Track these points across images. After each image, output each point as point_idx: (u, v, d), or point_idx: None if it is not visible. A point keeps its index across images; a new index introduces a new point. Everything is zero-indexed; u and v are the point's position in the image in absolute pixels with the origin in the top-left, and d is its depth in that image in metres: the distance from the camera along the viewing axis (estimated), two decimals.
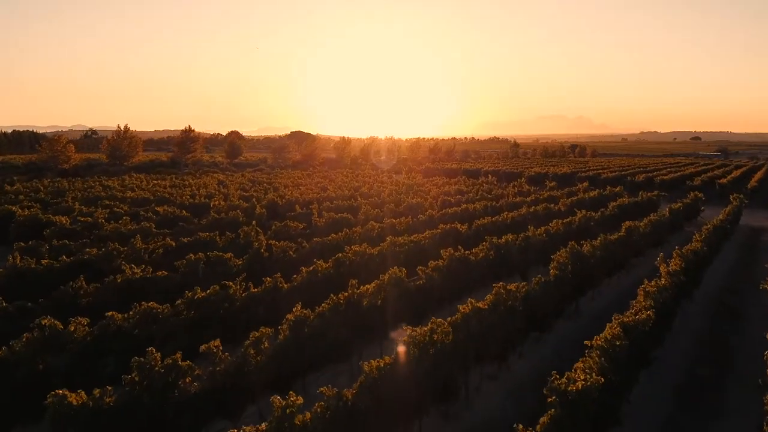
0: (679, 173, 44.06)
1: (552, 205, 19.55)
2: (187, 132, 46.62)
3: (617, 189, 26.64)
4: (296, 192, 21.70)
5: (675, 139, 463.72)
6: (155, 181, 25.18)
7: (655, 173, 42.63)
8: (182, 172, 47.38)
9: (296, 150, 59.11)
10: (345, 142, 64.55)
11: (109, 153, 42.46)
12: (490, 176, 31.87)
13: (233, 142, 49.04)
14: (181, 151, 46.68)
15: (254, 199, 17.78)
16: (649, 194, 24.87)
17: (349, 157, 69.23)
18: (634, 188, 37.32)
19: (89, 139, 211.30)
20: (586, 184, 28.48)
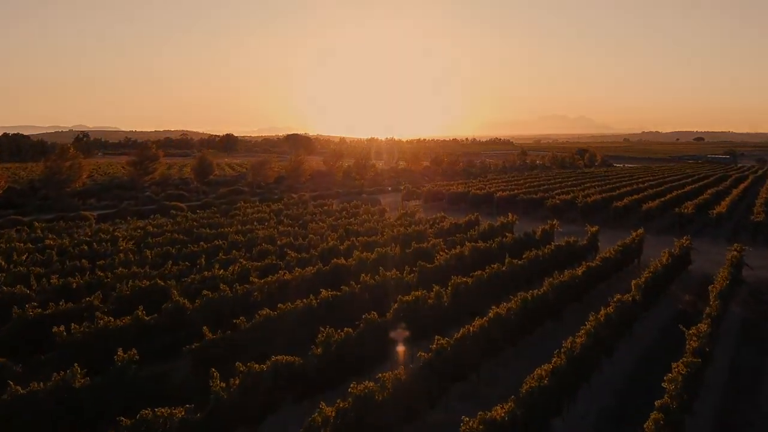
0: (728, 198, 36.94)
1: (627, 298, 12.44)
2: (145, 149, 39.39)
3: (685, 242, 19.53)
4: (238, 262, 14.66)
5: (678, 139, 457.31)
6: (46, 241, 17.99)
7: (700, 199, 35.45)
8: (142, 195, 40.34)
9: (279, 165, 52.11)
10: (336, 155, 57.44)
11: (47, 177, 35.32)
12: (510, 215, 24.80)
13: (203, 159, 41.88)
14: (138, 172, 39.51)
15: (141, 310, 10.61)
16: (735, 253, 17.81)
17: (341, 171, 62.26)
18: (685, 222, 30.31)
19: (81, 142, 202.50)
20: (641, 232, 21.34)
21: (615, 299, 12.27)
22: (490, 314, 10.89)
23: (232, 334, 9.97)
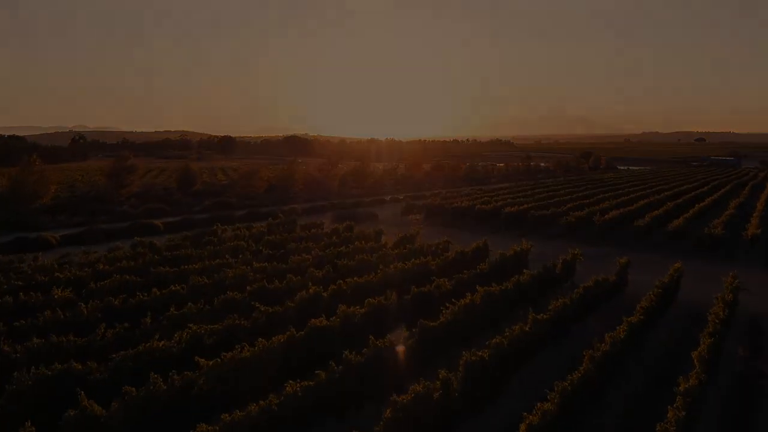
0: (755, 214, 33.77)
1: (693, 383, 9.34)
2: (121, 160, 36.31)
3: (734, 282, 16.41)
4: (188, 328, 11.56)
5: (679, 140, 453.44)
6: None
7: (726, 216, 32.29)
8: (118, 209, 37.24)
9: (272, 171, 49.04)
10: (332, 161, 54.34)
11: (11, 191, 32.22)
12: (523, 242, 21.75)
13: (186, 169, 38.81)
14: (113, 183, 36.42)
15: (29, 426, 7.50)
16: None
17: (338, 178, 59.31)
18: (713, 245, 27.23)
19: (77, 144, 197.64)
20: (679, 266, 18.21)
21: (682, 388, 9.23)
22: (521, 429, 7.77)
23: None
